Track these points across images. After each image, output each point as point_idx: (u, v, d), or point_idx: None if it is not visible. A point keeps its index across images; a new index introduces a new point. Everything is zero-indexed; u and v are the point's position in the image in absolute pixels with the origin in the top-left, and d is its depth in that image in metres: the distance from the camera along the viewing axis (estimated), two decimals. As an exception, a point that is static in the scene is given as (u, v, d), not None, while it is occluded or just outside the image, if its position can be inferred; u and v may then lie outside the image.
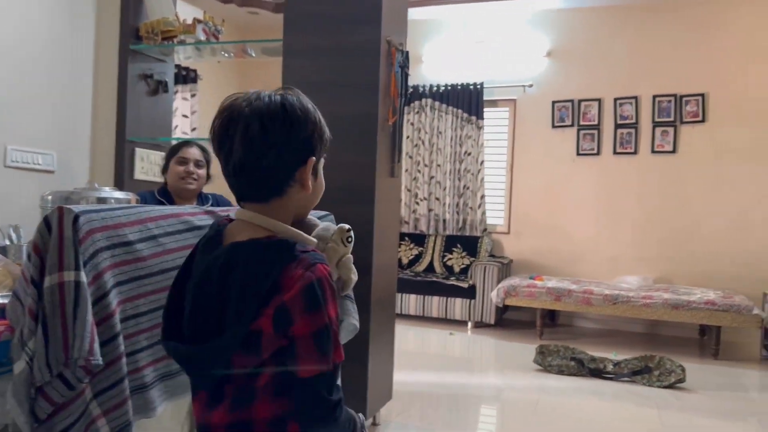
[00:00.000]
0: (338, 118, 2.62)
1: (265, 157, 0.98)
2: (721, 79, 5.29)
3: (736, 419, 3.28)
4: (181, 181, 2.69)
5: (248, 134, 0.98)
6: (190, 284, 0.99)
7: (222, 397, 0.95)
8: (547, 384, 3.78)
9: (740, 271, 5.17)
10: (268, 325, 0.89)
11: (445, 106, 6.06)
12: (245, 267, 0.92)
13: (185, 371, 1.03)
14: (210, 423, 0.97)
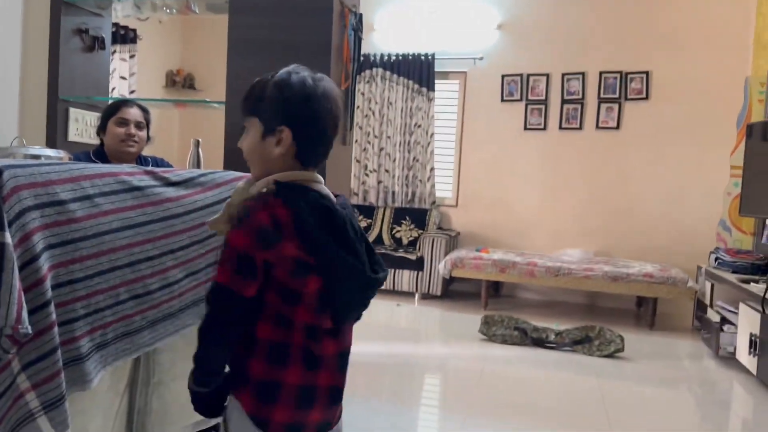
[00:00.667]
0: (288, 81, 2.53)
1: (335, 126, 1.24)
2: (665, 57, 5.43)
3: (669, 386, 3.43)
4: (121, 143, 2.54)
5: (337, 108, 1.22)
6: (343, 228, 1.14)
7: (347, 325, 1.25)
8: (492, 353, 3.85)
9: (676, 245, 5.39)
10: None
11: (396, 77, 5.98)
12: (350, 208, 1.22)
13: (337, 304, 1.16)
14: (349, 347, 1.23)
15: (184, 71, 6.53)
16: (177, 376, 1.53)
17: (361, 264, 1.16)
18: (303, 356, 1.14)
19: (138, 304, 1.37)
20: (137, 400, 1.47)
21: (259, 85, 1.19)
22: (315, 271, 1.11)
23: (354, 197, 6.19)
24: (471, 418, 2.74)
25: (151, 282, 1.39)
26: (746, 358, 3.49)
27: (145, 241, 1.35)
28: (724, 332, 3.83)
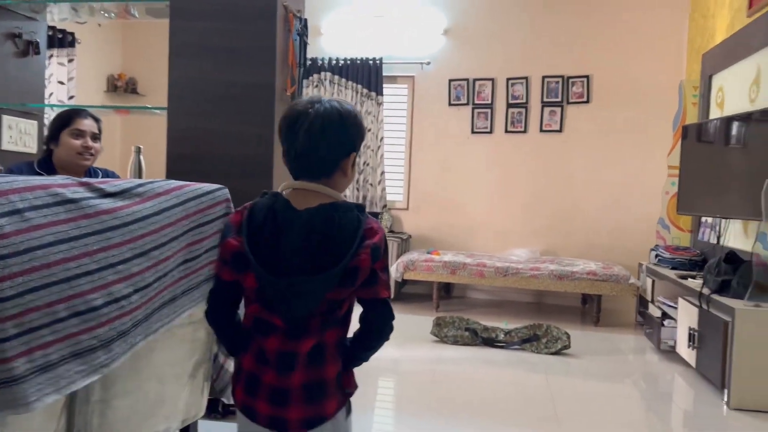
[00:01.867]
0: (232, 86, 2.49)
1: (322, 148, 1.26)
2: (605, 62, 5.62)
3: (614, 381, 3.55)
4: (77, 156, 2.44)
5: (311, 130, 1.24)
6: (288, 230, 1.22)
7: (307, 329, 1.22)
8: (443, 354, 3.89)
9: (618, 243, 5.58)
10: (367, 260, 1.20)
11: (345, 81, 5.99)
12: (346, 219, 1.22)
13: (274, 303, 1.22)
14: (298, 351, 1.22)
15: (126, 75, 6.35)
16: (119, 394, 1.49)
17: (275, 264, 1.21)
18: (255, 346, 1.26)
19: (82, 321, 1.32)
20: (76, 421, 1.42)
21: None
22: (250, 268, 1.22)
23: (304, 202, 6.15)
24: (423, 419, 2.76)
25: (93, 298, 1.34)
26: (686, 351, 3.64)
27: (81, 255, 1.30)
28: (664, 327, 3.98)
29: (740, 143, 3.72)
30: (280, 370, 1.23)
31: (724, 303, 3.19)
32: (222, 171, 2.48)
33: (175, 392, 1.66)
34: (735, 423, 2.92)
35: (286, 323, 1.22)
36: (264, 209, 1.25)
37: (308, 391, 1.23)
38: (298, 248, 1.21)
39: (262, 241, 1.23)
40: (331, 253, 1.20)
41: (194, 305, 1.66)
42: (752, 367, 3.03)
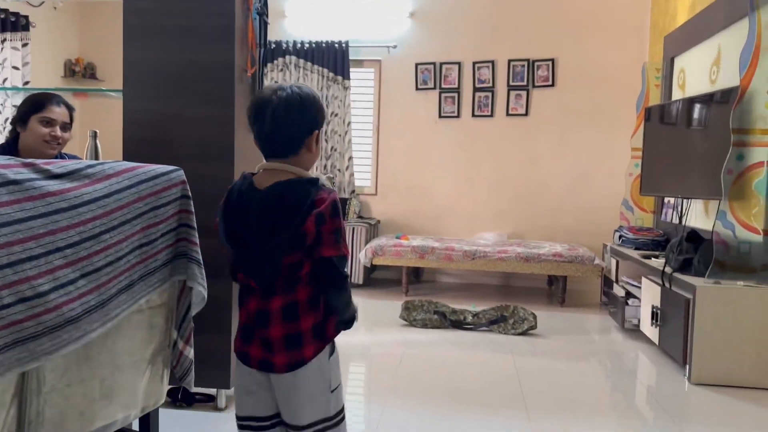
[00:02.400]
0: (190, 67, 2.42)
1: (285, 128, 1.43)
2: (569, 45, 5.65)
3: (579, 360, 3.60)
4: (44, 144, 2.30)
5: (276, 114, 1.41)
6: (246, 209, 1.42)
7: (275, 290, 1.42)
8: (412, 338, 3.89)
9: (583, 224, 5.66)
10: (312, 226, 1.36)
11: (311, 65, 5.90)
12: (294, 194, 1.39)
13: (246, 271, 1.44)
14: (269, 308, 1.43)
15: (83, 60, 6.15)
16: (72, 382, 1.44)
17: (244, 240, 1.42)
18: (243, 304, 1.50)
19: (29, 308, 1.27)
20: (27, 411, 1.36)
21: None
22: (229, 239, 1.44)
23: (271, 188, 6.08)
24: (392, 402, 2.76)
25: (39, 283, 1.29)
26: (649, 329, 3.72)
27: (27, 239, 1.25)
28: (628, 306, 4.06)
29: (701, 124, 3.78)
30: (258, 325, 1.45)
31: (686, 281, 3.26)
32: (181, 154, 2.42)
33: (133, 380, 1.61)
34: (696, 397, 2.99)
35: (260, 286, 1.43)
36: (236, 191, 1.46)
37: (288, 341, 1.42)
38: (256, 223, 1.40)
39: (234, 219, 1.44)
40: (283, 225, 1.37)
41: (152, 290, 1.62)
42: (713, 343, 3.10)
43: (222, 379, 2.53)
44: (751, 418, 2.73)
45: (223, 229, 1.45)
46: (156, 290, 1.62)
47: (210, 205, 2.40)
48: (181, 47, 2.42)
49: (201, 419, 2.51)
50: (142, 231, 1.54)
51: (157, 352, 1.67)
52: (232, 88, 2.41)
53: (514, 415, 2.66)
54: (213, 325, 2.49)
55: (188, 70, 2.42)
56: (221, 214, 1.46)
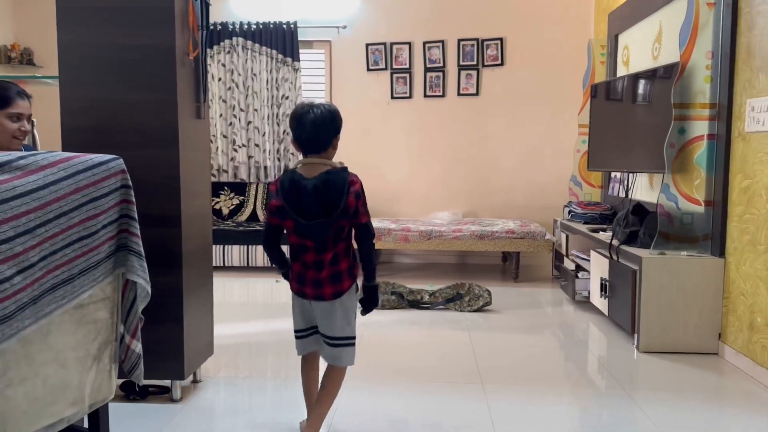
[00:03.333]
0: (128, 51, 2.34)
1: (324, 133, 2.03)
2: (517, 24, 5.70)
3: (534, 333, 3.69)
4: (13, 140, 2.17)
5: (316, 124, 2.01)
6: (304, 193, 2.00)
7: (326, 246, 2.04)
8: (370, 319, 3.88)
9: (534, 201, 5.77)
10: (353, 201, 2.00)
11: (259, 46, 5.79)
12: (337, 180, 2.00)
13: (304, 236, 2.04)
14: (323, 258, 2.05)
15: (19, 46, 5.87)
16: (13, 382, 1.39)
17: (305, 215, 2.02)
18: (299, 259, 2.10)
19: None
20: (-34, 414, 1.32)
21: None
22: (288, 216, 2.03)
23: (223, 174, 5.97)
24: (349, 383, 2.77)
25: (-28, 281, 1.24)
26: (598, 300, 3.83)
27: (-46, 235, 1.19)
28: (578, 279, 4.17)
29: (645, 100, 3.88)
30: (316, 270, 2.07)
31: (632, 253, 3.37)
32: (123, 142, 2.34)
33: (79, 376, 1.57)
34: (644, 365, 3.11)
35: (315, 244, 2.05)
36: (287, 180, 2.04)
37: (332, 279, 2.08)
38: (311, 203, 2.01)
39: (291, 200, 2.03)
40: (331, 202, 2.00)
41: (95, 285, 1.57)
42: (659, 312, 3.22)
43: (176, 371, 2.49)
44: (695, 382, 2.86)
45: (285, 207, 2.02)
46: (99, 284, 1.57)
47: (155, 194, 2.36)
48: (119, 30, 2.33)
49: (156, 412, 2.47)
50: (81, 223, 1.49)
51: (104, 346, 1.63)
52: (173, 72, 2.34)
53: (470, 389, 2.72)
54: (166, 316, 2.45)
55: (127, 54, 2.34)
56: (283, 198, 2.03)
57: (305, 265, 2.07)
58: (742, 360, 2.98)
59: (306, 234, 2.02)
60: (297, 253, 2.09)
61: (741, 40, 3.06)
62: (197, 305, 2.62)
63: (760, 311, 2.85)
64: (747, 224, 2.97)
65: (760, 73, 2.88)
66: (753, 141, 2.93)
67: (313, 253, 2.05)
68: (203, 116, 2.63)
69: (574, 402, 2.68)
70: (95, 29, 2.34)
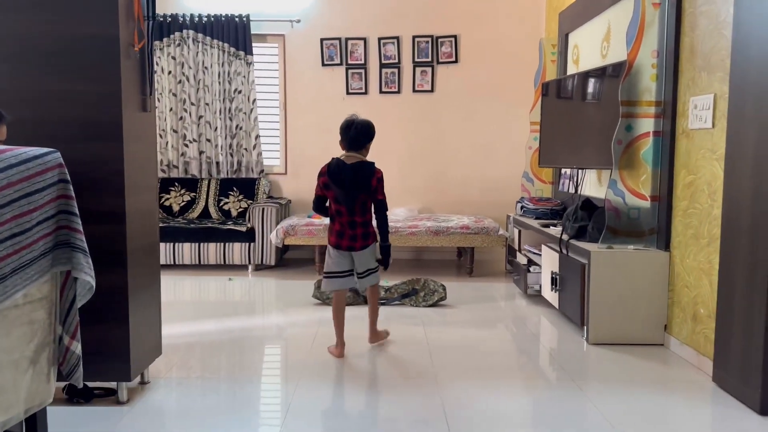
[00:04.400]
0: (69, 41, 2.24)
1: (362, 138, 3.09)
2: (471, 21, 5.74)
3: (488, 326, 3.73)
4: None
5: (358, 130, 3.08)
6: (344, 172, 3.01)
7: (355, 212, 3.07)
8: (326, 316, 3.86)
9: (488, 197, 5.84)
10: (375, 182, 3.05)
11: (210, 39, 5.66)
12: (366, 168, 3.06)
13: (342, 203, 3.05)
14: (355, 220, 3.07)
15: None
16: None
17: (343, 188, 3.00)
18: (337, 221, 3.09)
19: None
20: None
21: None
22: (331, 188, 3.02)
23: (174, 170, 5.83)
24: (305, 380, 2.74)
25: None
26: (549, 294, 3.90)
27: None
28: (530, 273, 4.24)
29: (594, 98, 3.97)
30: (350, 229, 3.07)
31: (581, 247, 3.44)
32: (64, 135, 2.25)
33: (14, 380, 1.49)
34: (593, 356, 3.18)
35: (347, 209, 3.04)
36: (334, 165, 3.02)
37: (363, 235, 3.10)
38: (350, 180, 2.99)
39: (335, 177, 2.99)
40: (360, 181, 3.01)
41: (29, 284, 1.49)
42: (607, 305, 3.30)
43: (122, 372, 2.41)
44: (642, 373, 2.94)
45: (330, 182, 3.01)
46: (34, 283, 1.49)
47: (98, 189, 2.27)
48: (60, 19, 2.23)
49: (101, 415, 2.38)
50: (13, 220, 1.42)
51: (41, 348, 1.55)
52: (117, 64, 2.25)
53: (424, 384, 2.72)
54: (111, 316, 2.36)
55: (68, 44, 2.24)
56: (329, 175, 3.02)
57: (342, 225, 3.07)
58: (686, 350, 3.08)
59: (341, 201, 3.03)
60: (335, 216, 3.09)
61: (684, 40, 3.16)
62: (144, 304, 2.54)
63: (703, 303, 2.95)
64: (690, 218, 3.07)
65: (703, 71, 2.97)
66: (696, 138, 3.03)
67: (346, 216, 3.05)
68: (149, 109, 2.55)
69: (526, 394, 2.72)
70: (34, 18, 2.23)
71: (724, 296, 2.69)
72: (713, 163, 2.87)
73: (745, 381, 2.50)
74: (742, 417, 2.42)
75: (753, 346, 2.46)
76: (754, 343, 2.45)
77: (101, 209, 2.29)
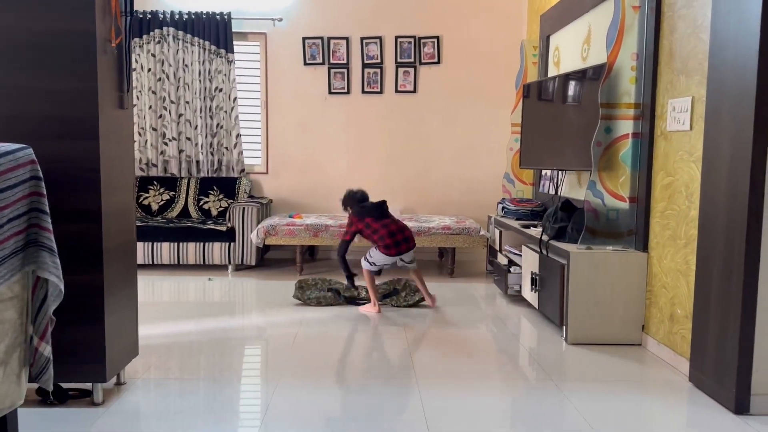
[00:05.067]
0: (45, 35, 2.20)
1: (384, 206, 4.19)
2: (453, 23, 5.76)
3: (468, 327, 3.74)
4: None
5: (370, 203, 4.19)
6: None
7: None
8: (307, 316, 3.86)
9: (469, 198, 5.86)
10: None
11: (191, 37, 5.61)
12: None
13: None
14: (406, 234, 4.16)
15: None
16: None
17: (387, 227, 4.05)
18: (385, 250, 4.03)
19: None
20: None
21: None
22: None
23: (153, 168, 5.76)
24: (285, 381, 2.72)
25: None
26: (529, 294, 3.92)
27: None
28: (511, 273, 4.25)
29: (574, 100, 4.00)
30: (398, 252, 4.04)
31: (561, 248, 3.46)
32: (38, 132, 2.21)
33: (-17, 382, 1.46)
34: (572, 356, 3.20)
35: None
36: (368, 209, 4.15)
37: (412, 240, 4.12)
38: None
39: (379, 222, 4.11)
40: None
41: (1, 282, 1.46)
42: (586, 305, 3.32)
43: (98, 373, 2.37)
44: (620, 372, 2.96)
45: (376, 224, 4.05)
46: (6, 282, 1.46)
47: (73, 187, 2.23)
48: (34, 14, 2.18)
49: (75, 416, 2.34)
50: (-16, 217, 1.38)
51: (11, 349, 1.52)
52: (94, 60, 2.22)
53: (404, 384, 2.72)
54: (86, 316, 2.32)
55: (43, 39, 2.20)
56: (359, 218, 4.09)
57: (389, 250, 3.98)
58: (663, 350, 3.11)
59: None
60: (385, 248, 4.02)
61: (663, 43, 3.19)
62: (120, 304, 2.50)
63: (680, 303, 2.98)
64: (668, 220, 3.11)
65: (681, 74, 3.01)
66: (674, 140, 3.06)
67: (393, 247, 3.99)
68: (126, 106, 2.51)
69: (506, 394, 2.73)
70: (8, 11, 2.19)
71: (700, 297, 2.72)
72: (691, 165, 2.90)
73: (720, 381, 2.53)
74: (717, 416, 2.45)
75: (728, 347, 2.49)
76: (729, 343, 2.49)
77: (77, 207, 2.25)
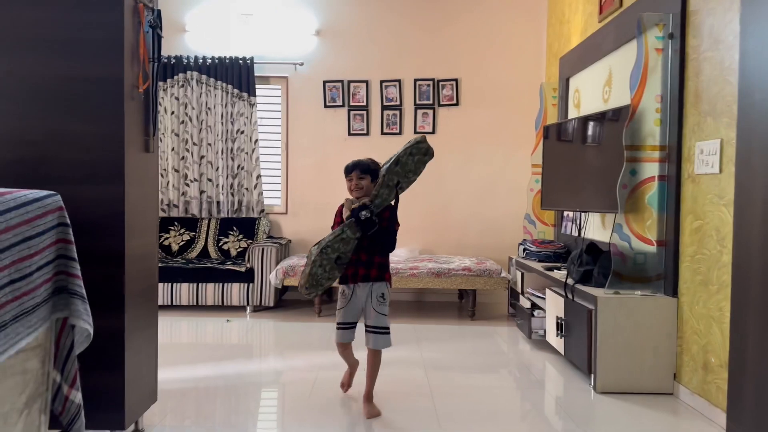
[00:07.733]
0: (74, 81, 2.23)
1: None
2: (472, 65, 5.81)
3: (490, 372, 3.64)
4: None
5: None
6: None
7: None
8: (326, 360, 3.78)
9: (489, 238, 5.79)
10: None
11: (214, 81, 5.71)
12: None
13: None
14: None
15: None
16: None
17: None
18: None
19: None
20: None
21: (372, 163, 3.19)
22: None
23: (174, 209, 5.79)
24: (304, 428, 2.65)
25: None
26: (554, 339, 3.82)
27: None
28: (534, 317, 4.16)
29: (596, 141, 3.97)
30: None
31: (587, 292, 3.38)
32: (63, 177, 2.22)
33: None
34: (601, 406, 3.08)
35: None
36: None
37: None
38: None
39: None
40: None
41: (32, 332, 1.43)
42: (615, 352, 3.22)
43: (116, 421, 2.32)
44: (654, 424, 2.84)
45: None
46: (36, 332, 1.44)
47: (97, 231, 2.23)
48: (63, 61, 2.22)
49: (92, 466, 2.28)
50: (13, 265, 1.37)
51: (32, 399, 1.48)
52: (121, 105, 2.24)
53: (427, 429, 2.63)
54: (106, 362, 2.29)
55: (71, 85, 2.23)
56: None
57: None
58: (697, 400, 2.99)
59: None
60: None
61: (689, 85, 3.17)
62: (140, 350, 2.46)
63: (713, 351, 2.88)
64: (699, 264, 3.02)
65: (708, 116, 2.97)
66: (702, 183, 3.01)
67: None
68: (152, 150, 2.53)
69: (534, 446, 2.62)
70: (35, 60, 2.23)
71: (736, 345, 2.62)
72: (721, 208, 2.84)
73: (762, 434, 2.41)
74: (759, 473, 2.32)
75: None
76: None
77: (100, 252, 2.24)
